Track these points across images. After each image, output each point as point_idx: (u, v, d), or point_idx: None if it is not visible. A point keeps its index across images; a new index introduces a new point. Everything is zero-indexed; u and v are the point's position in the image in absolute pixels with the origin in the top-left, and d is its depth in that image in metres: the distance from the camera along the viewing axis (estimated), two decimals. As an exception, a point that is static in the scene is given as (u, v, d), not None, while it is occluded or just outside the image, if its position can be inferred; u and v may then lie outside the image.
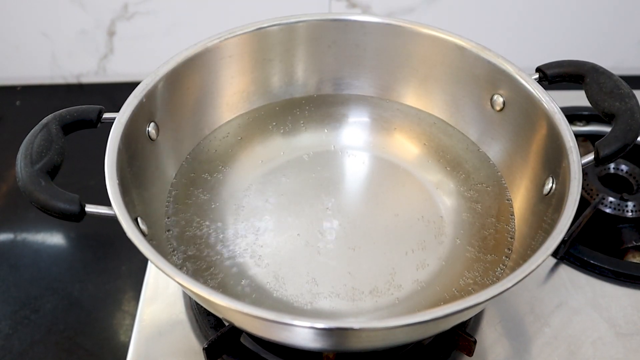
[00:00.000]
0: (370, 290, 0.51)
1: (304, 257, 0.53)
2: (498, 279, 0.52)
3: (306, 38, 0.63)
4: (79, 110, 0.51)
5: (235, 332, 0.51)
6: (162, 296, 0.58)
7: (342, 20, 0.63)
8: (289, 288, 0.51)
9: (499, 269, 0.53)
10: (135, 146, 0.52)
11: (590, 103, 0.55)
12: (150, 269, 0.61)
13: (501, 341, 0.56)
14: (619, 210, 0.66)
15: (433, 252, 0.54)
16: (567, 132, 0.51)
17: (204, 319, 0.55)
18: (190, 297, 0.57)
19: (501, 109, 0.59)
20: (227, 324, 0.52)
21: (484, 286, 0.52)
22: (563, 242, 0.58)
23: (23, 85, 0.98)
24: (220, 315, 0.48)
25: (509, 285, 0.41)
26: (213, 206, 0.57)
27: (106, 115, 0.52)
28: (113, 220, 0.44)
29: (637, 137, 0.51)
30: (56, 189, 0.45)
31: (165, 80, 0.55)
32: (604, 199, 0.66)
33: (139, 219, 0.49)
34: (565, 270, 0.61)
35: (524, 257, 0.49)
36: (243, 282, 0.51)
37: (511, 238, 0.55)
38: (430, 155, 0.62)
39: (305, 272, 0.52)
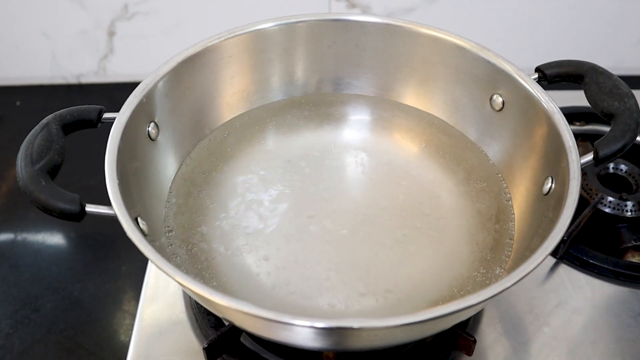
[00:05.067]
0: (370, 290, 0.51)
1: (303, 257, 0.53)
2: (497, 278, 0.52)
3: (306, 38, 0.63)
4: (79, 110, 0.51)
5: (235, 331, 0.51)
6: (162, 296, 0.58)
7: (342, 20, 0.63)
8: (289, 287, 0.51)
9: (498, 268, 0.53)
10: (135, 146, 0.52)
11: (590, 103, 0.55)
12: (151, 269, 0.61)
13: (501, 341, 0.56)
14: (618, 209, 0.66)
15: (433, 251, 0.54)
16: (567, 131, 0.51)
17: (204, 319, 0.55)
18: (190, 297, 0.57)
19: (500, 109, 0.59)
20: (227, 323, 0.52)
21: (483, 285, 0.52)
22: (562, 241, 0.58)
23: (23, 85, 0.98)
24: (220, 315, 0.48)
25: (508, 284, 0.41)
26: (213, 206, 0.57)
27: (106, 115, 0.52)
28: (113, 220, 0.44)
29: (636, 136, 0.51)
30: (56, 189, 0.45)
31: (165, 80, 0.56)
32: (603, 198, 0.66)
33: (139, 219, 0.49)
34: (565, 270, 0.62)
35: (524, 256, 0.49)
36: (243, 281, 0.51)
37: (510, 238, 0.55)
38: (430, 155, 0.62)
39: (305, 272, 0.52)
